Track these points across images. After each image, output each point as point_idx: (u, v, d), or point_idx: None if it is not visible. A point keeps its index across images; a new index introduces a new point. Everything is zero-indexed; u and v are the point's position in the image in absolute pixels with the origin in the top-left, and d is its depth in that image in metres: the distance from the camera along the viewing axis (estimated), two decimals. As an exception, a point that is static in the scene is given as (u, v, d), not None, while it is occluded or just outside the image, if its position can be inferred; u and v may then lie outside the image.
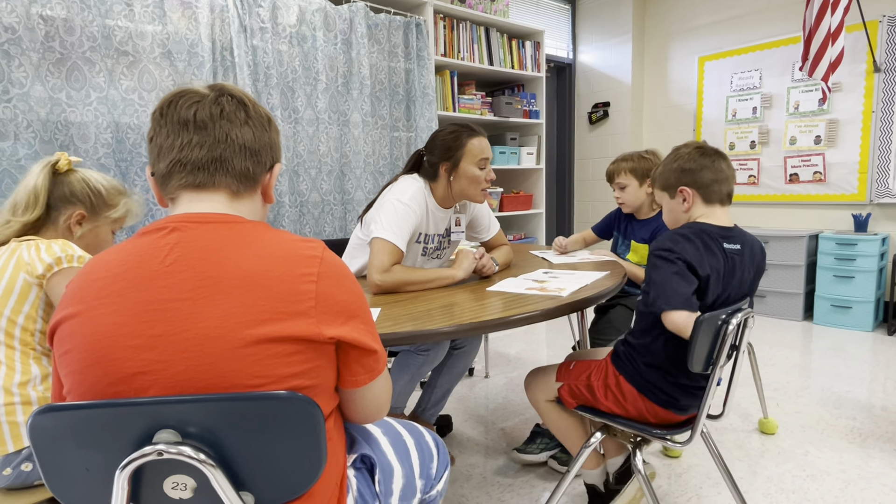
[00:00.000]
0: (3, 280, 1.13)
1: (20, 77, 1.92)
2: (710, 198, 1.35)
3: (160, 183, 0.80)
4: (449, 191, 1.80)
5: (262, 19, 2.51)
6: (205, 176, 0.78)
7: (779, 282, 3.82)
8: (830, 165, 3.83)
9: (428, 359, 1.77)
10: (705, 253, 1.27)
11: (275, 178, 0.86)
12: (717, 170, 1.34)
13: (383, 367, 0.82)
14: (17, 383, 1.11)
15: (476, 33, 3.56)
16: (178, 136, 0.77)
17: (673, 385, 1.32)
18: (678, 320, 1.21)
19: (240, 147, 0.79)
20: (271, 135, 0.85)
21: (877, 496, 1.70)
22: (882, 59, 3.55)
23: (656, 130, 4.81)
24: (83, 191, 1.26)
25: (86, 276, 0.72)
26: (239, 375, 0.66)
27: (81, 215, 1.26)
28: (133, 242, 0.73)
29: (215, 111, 0.78)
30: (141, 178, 2.23)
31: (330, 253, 0.77)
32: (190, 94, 0.78)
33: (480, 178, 1.76)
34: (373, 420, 0.86)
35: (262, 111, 0.84)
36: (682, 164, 1.36)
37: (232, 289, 0.68)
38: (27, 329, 1.14)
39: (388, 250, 1.62)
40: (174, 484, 0.67)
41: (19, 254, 1.15)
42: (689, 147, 1.38)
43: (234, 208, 0.80)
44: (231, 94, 0.80)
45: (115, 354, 0.66)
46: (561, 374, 1.50)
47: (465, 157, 1.74)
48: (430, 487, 1.04)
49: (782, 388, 2.59)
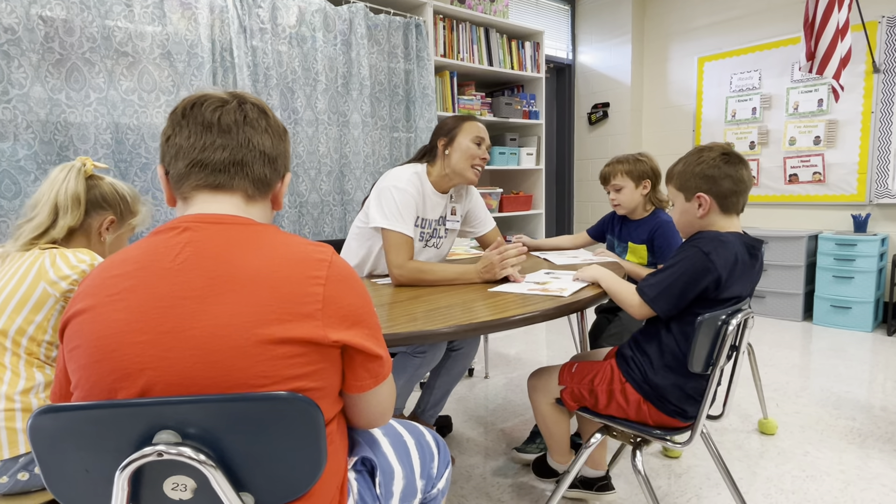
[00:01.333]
0: (22, 287, 1.12)
1: (20, 78, 1.92)
2: (727, 208, 1.33)
3: (174, 181, 0.80)
4: (444, 170, 1.83)
5: (262, 20, 2.51)
6: (224, 178, 0.79)
7: (778, 282, 3.82)
8: (830, 166, 3.84)
9: (425, 361, 1.77)
10: (743, 265, 1.29)
11: (286, 187, 0.89)
12: (738, 180, 1.30)
13: (388, 373, 0.83)
14: (20, 391, 1.10)
15: (476, 34, 3.56)
16: (201, 137, 0.78)
17: (682, 395, 1.31)
18: (634, 303, 1.33)
19: (260, 153, 0.81)
20: (285, 145, 0.88)
21: (876, 496, 1.70)
22: (881, 60, 3.55)
23: (656, 131, 4.81)
24: (114, 197, 1.30)
25: (98, 274, 0.73)
26: (244, 374, 0.66)
27: (112, 221, 1.30)
28: (146, 241, 0.74)
29: (239, 117, 0.80)
30: (140, 179, 2.23)
31: (339, 258, 0.78)
32: (213, 99, 0.80)
33: (474, 152, 1.81)
34: (377, 425, 0.87)
35: (279, 122, 0.87)
36: (705, 170, 1.32)
37: (240, 288, 0.68)
38: (35, 339, 1.13)
39: (400, 242, 1.66)
40: (174, 485, 0.67)
41: (41, 262, 1.15)
42: (714, 152, 1.33)
43: (246, 211, 0.81)
44: (252, 102, 0.83)
45: (123, 350, 0.67)
46: (563, 377, 1.50)
47: (462, 133, 1.82)
48: (432, 487, 1.04)
49: (782, 389, 2.59)
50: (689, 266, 1.26)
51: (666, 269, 1.31)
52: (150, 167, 2.24)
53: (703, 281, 1.25)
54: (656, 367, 1.33)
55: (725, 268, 1.25)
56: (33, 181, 1.96)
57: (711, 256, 1.24)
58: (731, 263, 1.25)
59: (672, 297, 1.28)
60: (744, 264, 1.29)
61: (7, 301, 1.12)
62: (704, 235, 1.30)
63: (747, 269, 1.31)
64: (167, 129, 0.80)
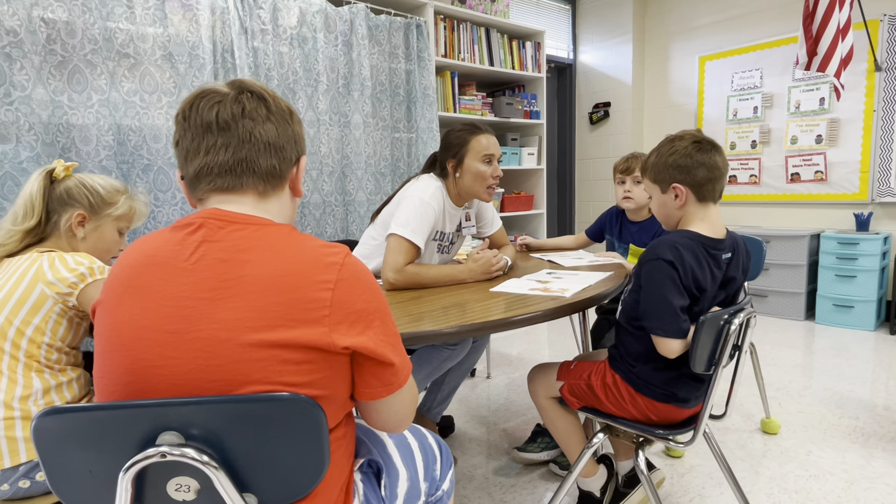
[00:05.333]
0: (18, 289, 1.12)
1: (22, 80, 1.92)
2: (703, 196, 1.31)
3: (189, 186, 0.80)
4: (457, 189, 1.82)
5: (263, 21, 2.51)
6: (232, 179, 0.78)
7: (780, 281, 3.82)
8: (832, 165, 3.83)
9: (453, 354, 1.77)
10: (699, 263, 1.26)
11: (302, 171, 0.85)
12: (712, 167, 1.28)
13: (404, 381, 0.79)
14: (19, 398, 1.09)
15: (476, 34, 3.56)
16: (203, 139, 0.77)
17: (665, 378, 1.31)
18: (672, 348, 1.24)
19: (264, 145, 0.78)
20: (294, 127, 0.83)
21: (879, 496, 1.70)
22: (883, 58, 3.54)
23: (657, 130, 4.80)
24: (80, 192, 1.25)
25: (119, 264, 0.75)
26: (247, 379, 0.66)
27: (82, 216, 1.25)
28: (166, 235, 0.74)
29: (237, 110, 0.77)
30: (143, 181, 2.23)
31: (353, 258, 0.75)
32: (210, 95, 0.78)
33: (485, 174, 1.77)
34: (393, 432, 0.85)
35: (282, 104, 0.83)
36: (678, 160, 1.30)
37: (247, 292, 0.68)
38: (34, 341, 1.12)
39: (404, 248, 1.63)
40: (177, 486, 0.67)
41: (39, 265, 1.14)
42: (686, 140, 1.31)
43: (261, 209, 0.79)
44: (251, 89, 0.79)
45: (133, 345, 0.68)
46: (562, 374, 1.51)
47: (469, 154, 1.77)
48: (436, 489, 1.04)
49: (784, 388, 2.59)
50: (658, 280, 1.24)
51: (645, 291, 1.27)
52: (153, 168, 2.25)
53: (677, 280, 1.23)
54: (635, 359, 1.35)
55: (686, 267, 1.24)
56: (36, 183, 1.97)
57: (674, 262, 1.23)
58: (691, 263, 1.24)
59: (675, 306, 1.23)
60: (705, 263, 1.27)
61: (4, 302, 1.11)
62: (659, 245, 1.27)
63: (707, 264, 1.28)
64: (175, 134, 0.79)
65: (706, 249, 1.28)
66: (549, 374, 1.54)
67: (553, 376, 1.52)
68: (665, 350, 1.25)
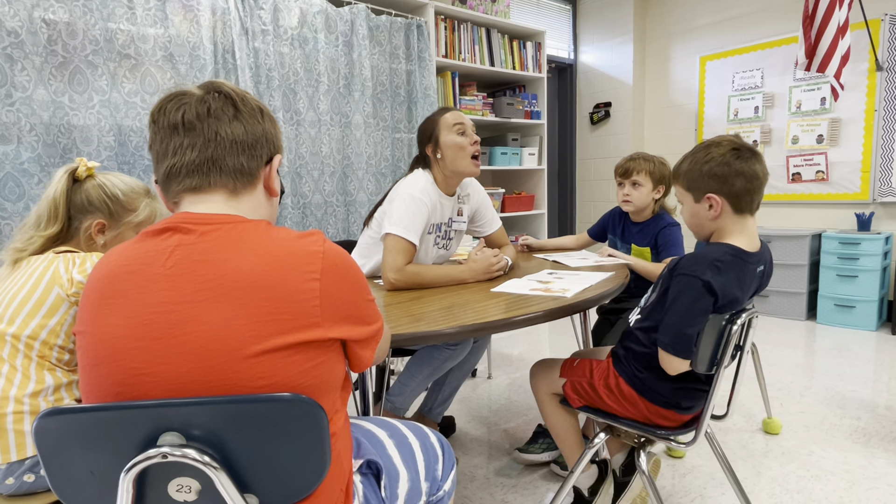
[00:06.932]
0: (37, 292, 1.12)
1: (23, 81, 1.93)
2: (741, 208, 1.23)
3: (163, 189, 0.80)
4: (444, 172, 1.81)
5: (264, 21, 2.51)
6: (200, 178, 0.78)
7: (782, 281, 3.81)
8: (833, 164, 3.82)
9: (454, 355, 1.77)
10: (740, 282, 1.23)
11: (275, 170, 0.85)
12: (752, 176, 1.20)
13: (381, 330, 0.85)
14: (30, 393, 1.10)
15: (477, 34, 3.56)
16: (171, 141, 0.77)
17: (671, 388, 1.31)
18: (675, 366, 1.23)
19: (231, 143, 0.78)
20: (265, 126, 0.82)
21: (882, 496, 1.70)
22: (884, 58, 3.54)
23: (658, 130, 4.80)
24: (100, 198, 1.23)
25: (93, 277, 0.73)
26: (243, 378, 0.67)
27: (101, 224, 1.23)
28: (137, 245, 0.74)
29: (202, 110, 0.77)
30: (144, 181, 2.23)
31: (330, 244, 0.77)
32: (178, 97, 0.78)
33: (462, 143, 1.78)
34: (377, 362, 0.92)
35: (252, 103, 0.82)
36: (714, 168, 1.21)
37: (233, 291, 0.68)
38: (47, 343, 1.12)
39: (402, 248, 1.64)
40: (179, 486, 0.67)
41: (56, 266, 1.14)
42: (723, 147, 1.22)
43: (233, 207, 0.79)
44: (219, 90, 0.79)
45: (119, 355, 0.67)
46: (565, 370, 1.50)
47: (442, 131, 1.79)
48: (437, 489, 1.04)
49: (786, 388, 2.58)
50: (689, 300, 1.19)
51: (671, 304, 1.23)
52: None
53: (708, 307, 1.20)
54: (643, 366, 1.33)
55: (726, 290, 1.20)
56: (37, 184, 1.97)
57: (713, 285, 1.17)
58: (731, 284, 1.21)
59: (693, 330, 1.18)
60: (744, 279, 1.24)
61: (22, 305, 1.11)
62: (701, 260, 1.21)
63: (748, 280, 1.26)
64: (149, 138, 0.80)
65: (745, 262, 1.24)
66: (552, 371, 1.54)
67: (556, 372, 1.52)
68: (668, 366, 1.23)
